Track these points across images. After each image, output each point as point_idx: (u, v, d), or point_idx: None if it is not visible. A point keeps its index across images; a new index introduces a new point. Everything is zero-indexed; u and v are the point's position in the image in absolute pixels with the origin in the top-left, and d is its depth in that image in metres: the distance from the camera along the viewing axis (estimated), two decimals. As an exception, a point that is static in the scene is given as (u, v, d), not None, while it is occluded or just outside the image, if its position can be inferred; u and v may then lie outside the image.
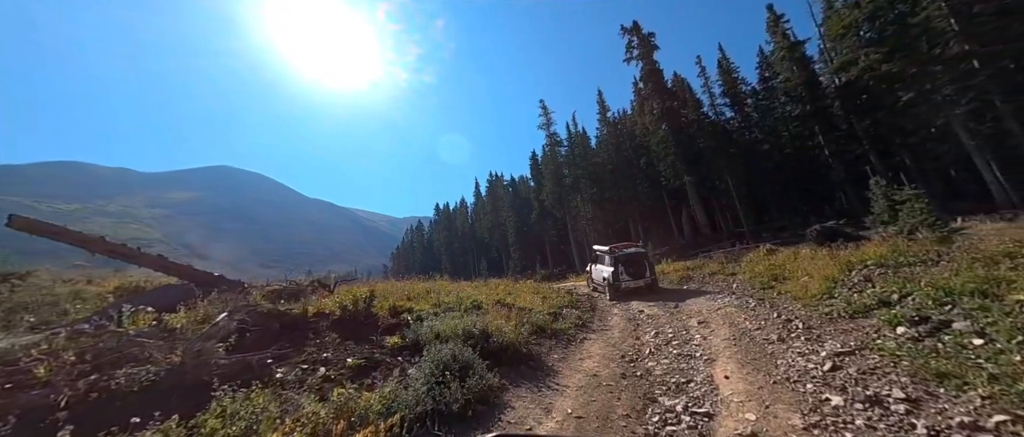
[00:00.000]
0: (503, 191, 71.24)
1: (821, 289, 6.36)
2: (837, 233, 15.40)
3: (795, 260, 11.17)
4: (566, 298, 11.94)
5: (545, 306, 9.68)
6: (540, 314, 8.42)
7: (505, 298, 9.65)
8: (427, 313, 7.30)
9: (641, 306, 10.82)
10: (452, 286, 15.49)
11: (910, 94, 20.71)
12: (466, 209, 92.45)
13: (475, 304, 8.68)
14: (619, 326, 8.31)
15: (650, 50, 37.43)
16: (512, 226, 60.59)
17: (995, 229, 8.00)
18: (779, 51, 36.13)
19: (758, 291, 8.95)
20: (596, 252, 15.02)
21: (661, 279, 15.73)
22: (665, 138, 35.80)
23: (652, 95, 36.83)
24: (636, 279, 12.49)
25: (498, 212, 70.18)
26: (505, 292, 12.84)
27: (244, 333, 4.37)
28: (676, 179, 37.22)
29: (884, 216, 8.42)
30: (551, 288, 15.14)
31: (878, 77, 23.17)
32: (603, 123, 48.85)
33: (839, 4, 29.25)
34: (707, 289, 11.78)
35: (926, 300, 4.18)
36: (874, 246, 7.72)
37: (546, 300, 10.87)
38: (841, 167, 32.13)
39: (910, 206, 7.39)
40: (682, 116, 37.20)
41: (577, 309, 10.26)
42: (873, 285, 5.52)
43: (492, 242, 71.27)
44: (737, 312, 7.21)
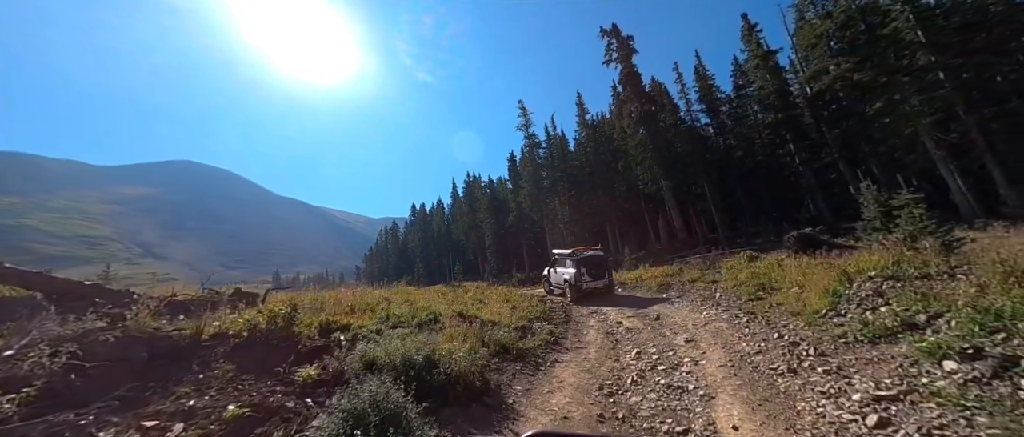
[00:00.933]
0: (480, 192, 69.95)
1: (823, 304, 5.56)
2: (816, 240, 15.05)
3: (780, 268, 10.56)
4: (539, 307, 10.89)
5: (514, 318, 8.58)
6: (506, 329, 7.31)
7: (469, 309, 8.48)
8: (368, 331, 6.04)
9: (619, 317, 9.92)
10: (416, 293, 14.19)
11: (879, 104, 21.03)
12: (442, 210, 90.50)
13: (432, 317, 7.47)
14: (596, 343, 7.31)
15: (629, 53, 37.26)
16: (489, 228, 59.34)
17: (992, 239, 7.57)
18: (753, 60, 36.73)
19: (746, 303, 8.17)
20: (556, 255, 15.29)
21: (639, 286, 15.02)
22: (643, 142, 35.63)
23: (630, 98, 36.63)
24: (596, 280, 13.17)
25: (475, 214, 68.80)
26: (473, 300, 11.69)
27: (72, 373, 3.04)
28: (653, 183, 37.13)
29: (876, 222, 7.85)
30: (524, 295, 14.07)
31: (848, 86, 23.55)
32: (582, 125, 48.54)
33: (810, 14, 29.86)
34: (688, 298, 11.02)
35: (970, 325, 3.38)
36: (870, 255, 7.07)
37: (516, 310, 9.78)
38: (811, 175, 32.83)
39: (909, 212, 6.79)
40: (660, 120, 37.20)
41: (550, 322, 9.20)
42: (887, 301, 4.76)
43: (468, 244, 69.73)
44: (728, 329, 6.34)
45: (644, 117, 35.37)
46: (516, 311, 9.69)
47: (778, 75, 34.83)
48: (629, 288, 15.37)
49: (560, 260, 14.55)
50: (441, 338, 5.92)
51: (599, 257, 13.94)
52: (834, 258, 10.77)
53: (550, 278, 15.12)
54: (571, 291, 12.93)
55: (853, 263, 7.02)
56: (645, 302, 11.68)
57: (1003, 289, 3.78)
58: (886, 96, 20.83)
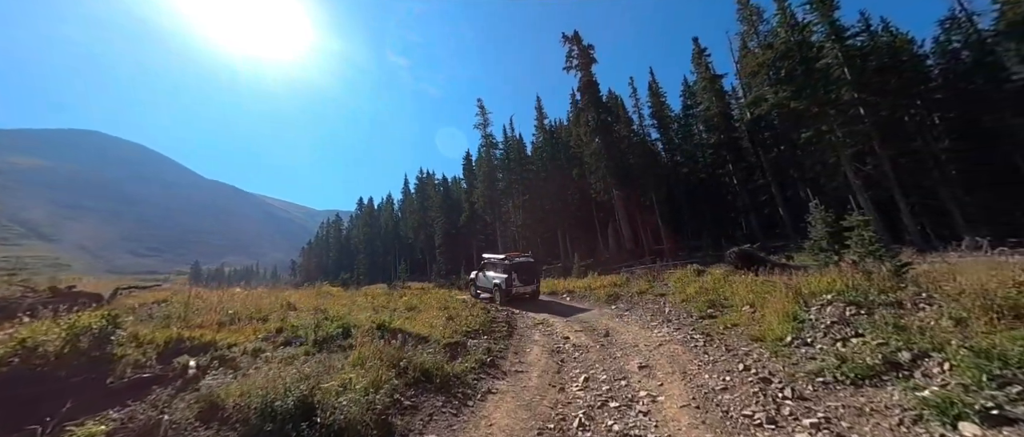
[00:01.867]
0: (434, 190, 67.43)
1: (785, 329, 5.04)
2: (756, 258, 15.39)
3: (727, 285, 10.37)
4: (480, 318, 9.76)
5: (448, 331, 7.36)
6: (435, 347, 6.08)
7: (393, 320, 7.11)
8: (241, 352, 4.51)
9: (567, 331, 9.10)
10: (342, 296, 12.43)
11: (809, 132, 22.66)
12: (392, 206, 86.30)
13: (342, 330, 6.03)
14: (539, 364, 6.33)
15: (589, 62, 37.67)
16: (440, 227, 57.23)
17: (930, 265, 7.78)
18: (701, 82, 38.81)
19: (698, 321, 7.67)
20: (486, 260, 15.50)
21: (588, 296, 14.47)
22: (598, 151, 36.03)
23: (588, 107, 36.97)
24: (526, 285, 13.77)
25: (426, 212, 66.20)
26: (406, 306, 10.29)
27: None
28: (606, 193, 37.72)
29: (823, 243, 7.76)
30: (467, 301, 12.87)
31: (784, 114, 25.27)
32: (540, 130, 48.42)
33: (753, 44, 31.99)
34: (638, 311, 10.51)
35: (973, 372, 2.85)
36: (820, 276, 6.85)
37: (454, 320, 8.56)
38: (746, 195, 35.20)
39: (859, 234, 6.67)
40: (615, 131, 37.96)
41: (490, 335, 8.11)
42: (857, 331, 4.29)
43: (417, 243, 66.86)
44: (685, 353, 5.65)
45: (600, 127, 35.83)
46: (454, 322, 8.47)
47: (722, 98, 37.08)
48: (578, 297, 14.78)
49: (490, 265, 14.86)
50: (344, 362, 4.58)
51: (530, 264, 14.58)
52: (777, 276, 10.87)
53: (477, 282, 15.30)
54: (501, 295, 13.40)
55: (805, 284, 6.72)
56: (595, 314, 11.04)
57: (989, 326, 3.39)
58: (816, 126, 22.52)
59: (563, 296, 15.53)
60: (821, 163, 23.03)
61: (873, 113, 20.95)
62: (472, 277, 16.06)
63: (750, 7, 29.84)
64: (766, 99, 28.20)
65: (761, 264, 14.43)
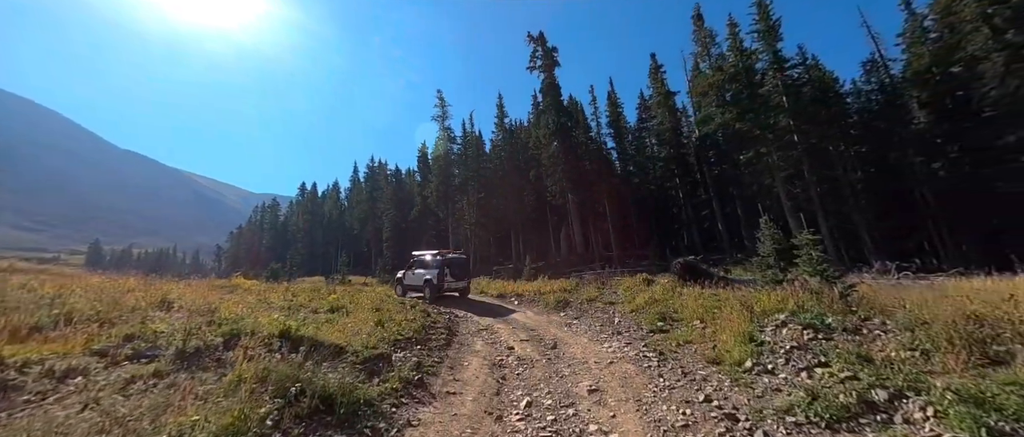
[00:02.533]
0: (385, 181, 64.09)
1: (743, 353, 4.66)
2: (699, 270, 15.76)
3: (675, 296, 10.26)
4: (417, 322, 8.70)
5: (373, 340, 6.25)
6: (352, 360, 4.99)
7: (301, 326, 5.86)
8: (42, 371, 3.16)
9: (512, 340, 8.35)
10: (258, 289, 10.65)
11: (750, 153, 24.13)
12: (338, 194, 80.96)
13: (230, 337, 4.73)
14: (476, 383, 5.48)
15: (552, 64, 37.60)
16: (389, 220, 54.34)
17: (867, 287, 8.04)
18: (656, 96, 40.41)
19: (648, 335, 7.27)
20: (416, 257, 15.43)
21: (537, 300, 13.91)
22: (556, 154, 36.03)
23: (549, 109, 36.88)
24: (459, 280, 14.23)
25: (376, 203, 62.73)
26: (331, 306, 8.93)
27: None
28: (561, 196, 37.86)
29: (770, 259, 7.75)
30: (405, 302, 11.68)
31: (729, 134, 26.78)
32: (500, 129, 47.63)
33: (705, 66, 33.75)
34: (587, 320, 10.05)
35: (971, 425, 2.48)
36: (769, 294, 6.73)
37: (384, 326, 7.43)
38: (690, 208, 37.15)
39: (808, 253, 6.64)
40: (573, 136, 38.23)
41: (425, 345, 7.11)
42: (819, 360, 3.98)
43: (363, 235, 63.04)
44: (638, 375, 5.09)
45: (559, 130, 35.86)
46: (383, 328, 7.34)
47: (674, 115, 38.87)
48: (527, 301, 14.16)
49: (421, 262, 14.86)
50: (213, 386, 3.38)
51: (462, 260, 15.21)
52: (722, 290, 10.99)
53: (404, 280, 15.13)
54: (431, 291, 13.56)
55: (757, 301, 6.51)
56: (543, 321, 10.41)
57: (959, 363, 3.14)
58: (756, 148, 24.04)
59: (512, 299, 14.85)
60: (758, 183, 24.63)
61: (805, 140, 22.74)
62: (400, 276, 15.74)
63: (704, 30, 31.37)
64: (713, 118, 29.75)
65: (704, 276, 14.76)
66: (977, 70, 18.78)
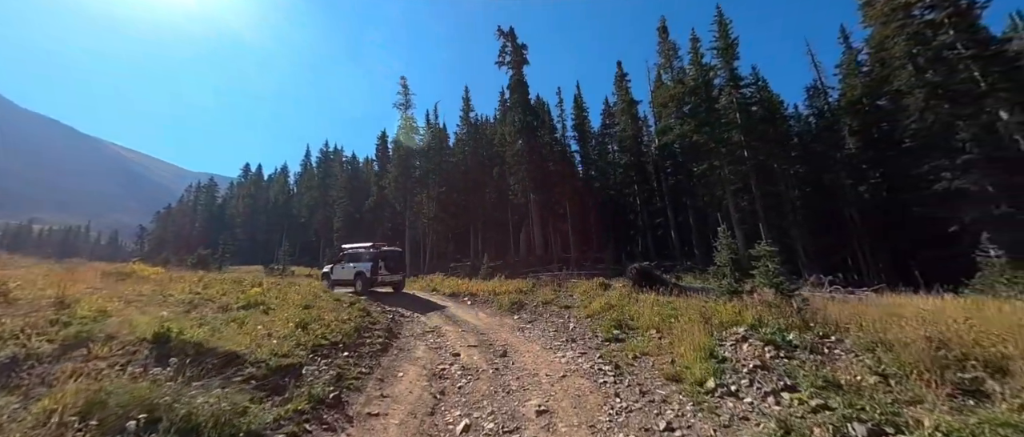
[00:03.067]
0: (340, 168, 60.47)
1: (705, 371, 4.31)
2: (654, 277, 15.88)
3: (631, 303, 10.06)
4: (354, 323, 7.72)
5: (287, 345, 5.25)
6: (248, 374, 4.02)
7: (188, 329, 4.74)
8: None
9: (459, 344, 7.64)
10: (158, 280, 9.00)
11: (704, 165, 25.10)
12: (287, 178, 75.42)
13: (72, 342, 3.58)
14: (408, 400, 4.70)
15: (521, 61, 37.16)
16: (342, 210, 51.18)
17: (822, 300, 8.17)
18: (620, 104, 41.34)
19: (604, 344, 6.87)
20: (349, 250, 15.19)
21: (491, 301, 13.26)
22: (520, 153, 35.60)
23: (516, 106, 36.41)
24: (393, 274, 13.99)
25: (328, 191, 58.98)
26: (247, 301, 7.67)
27: None
28: (523, 195, 37.56)
29: (726, 269, 7.68)
30: (343, 300, 10.53)
31: (686, 146, 27.74)
32: (465, 122, 46.52)
33: (666, 77, 34.90)
34: (541, 325, 9.55)
35: None
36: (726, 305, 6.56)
37: (306, 328, 6.37)
38: (646, 216, 38.36)
39: (765, 265, 6.56)
40: (539, 136, 38.06)
41: (355, 350, 6.18)
42: (785, 383, 3.67)
43: (312, 224, 58.99)
44: (593, 392, 4.59)
45: (525, 128, 35.48)
46: (308, 330, 6.30)
47: (636, 123, 39.95)
48: (481, 302, 13.45)
49: (354, 254, 14.56)
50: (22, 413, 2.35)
51: (398, 254, 15.04)
52: (676, 298, 10.96)
53: (332, 274, 14.76)
54: (363, 283, 13.32)
55: (713, 312, 6.28)
56: (495, 324, 9.77)
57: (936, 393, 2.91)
58: (709, 160, 25.06)
59: (465, 299, 14.09)
60: (710, 195, 25.71)
61: (754, 156, 24.01)
62: (327, 269, 15.32)
63: (668, 42, 32.34)
64: (673, 129, 30.74)
65: (658, 283, 14.86)
66: (901, 104, 20.70)
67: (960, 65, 18.79)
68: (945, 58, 19.36)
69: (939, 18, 19.40)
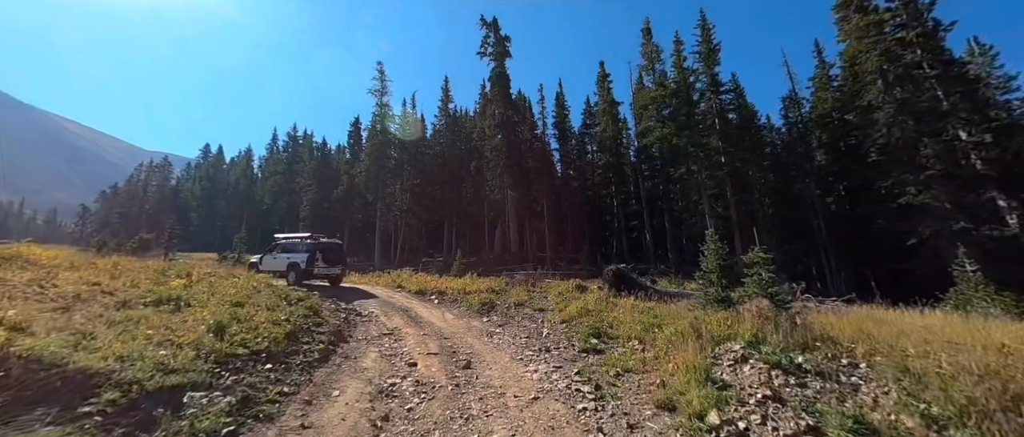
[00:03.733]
0: (310, 154, 57.32)
1: (704, 401, 3.59)
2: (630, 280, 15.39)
3: (609, 307, 9.42)
4: (294, 323, 6.60)
5: (179, 359, 4.14)
6: (99, 404, 2.93)
7: (41, 340, 3.57)
8: None
9: (417, 352, 6.71)
10: (43, 259, 7.44)
11: (682, 169, 25.07)
12: (251, 162, 71.13)
13: None
14: (337, 432, 3.72)
15: (503, 53, 36.16)
16: (310, 198, 48.36)
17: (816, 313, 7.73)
18: (602, 104, 41.10)
19: (581, 356, 6.13)
20: (283, 240, 14.71)
21: (461, 300, 12.32)
22: (499, 147, 34.65)
23: (496, 99, 35.40)
24: (332, 267, 13.69)
25: (295, 177, 55.88)
26: (160, 296, 6.38)
27: None
28: (500, 191, 36.66)
29: (713, 276, 7.11)
30: (288, 297, 9.29)
31: (665, 149, 27.67)
32: (444, 113, 44.94)
33: (648, 80, 34.88)
34: (512, 329, 8.73)
35: None
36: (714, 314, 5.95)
37: (222, 332, 5.22)
38: (622, 218, 38.37)
39: (758, 273, 6.00)
40: (519, 131, 37.25)
41: (280, 362, 5.11)
42: (808, 423, 3.00)
43: (276, 211, 55.73)
44: (570, 423, 3.81)
45: (505, 122, 34.56)
46: (226, 333, 5.16)
47: (617, 124, 39.84)
48: (448, 301, 12.49)
49: (288, 245, 14.06)
50: None
51: (337, 246, 14.73)
52: (655, 302, 10.41)
53: (261, 265, 14.09)
54: (297, 275, 12.96)
55: (709, 325, 5.64)
56: (462, 327, 8.87)
57: None
58: (687, 165, 25.04)
59: (432, 297, 13.07)
60: (687, 199, 25.72)
61: (730, 163, 24.16)
62: (255, 260, 14.73)
63: (652, 44, 32.25)
64: (653, 132, 30.67)
65: (635, 286, 14.35)
66: (870, 118, 21.24)
67: (926, 83, 19.47)
68: (913, 76, 20.02)
69: (909, 37, 20.02)
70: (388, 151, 42.72)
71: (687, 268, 26.39)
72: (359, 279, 17.84)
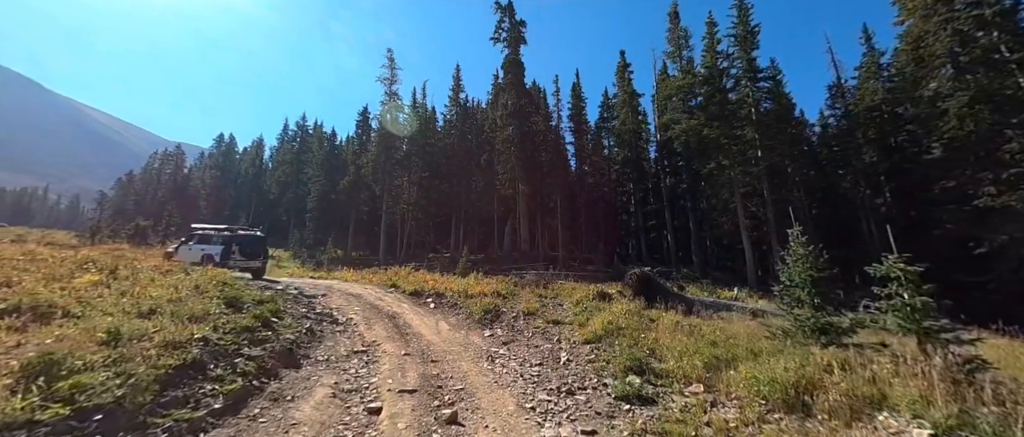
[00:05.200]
0: (319, 143, 56.10)
1: None
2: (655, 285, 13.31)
3: (644, 323, 7.41)
4: (218, 340, 4.82)
5: None
6: None
7: None
8: None
9: (386, 388, 4.86)
10: None
11: (712, 164, 22.66)
12: (261, 152, 70.69)
13: None
14: None
15: (518, 38, 34.03)
16: (317, 189, 47.03)
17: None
18: (621, 95, 38.67)
19: (618, 406, 4.16)
20: (199, 230, 14.35)
21: (461, 306, 10.47)
22: (511, 138, 32.61)
23: (509, 87, 33.33)
24: (250, 260, 13.26)
25: (303, 167, 54.90)
26: (47, 299, 4.66)
27: None
28: (511, 185, 34.69)
29: (802, 292, 5.06)
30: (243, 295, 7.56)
31: (692, 142, 25.15)
32: (454, 103, 43.09)
33: (674, 69, 32.37)
34: (520, 349, 6.84)
35: None
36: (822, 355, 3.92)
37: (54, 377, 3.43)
38: (640, 216, 36.01)
39: (901, 294, 3.92)
40: (532, 122, 35.16)
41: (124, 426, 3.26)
42: None
43: (282, 202, 54.80)
44: None
45: (518, 112, 32.49)
46: (75, 364, 3.38)
47: (637, 117, 37.37)
48: (447, 305, 10.64)
49: (204, 236, 13.69)
50: None
51: (257, 239, 14.44)
52: (702, 320, 8.36)
53: (176, 255, 13.22)
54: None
55: (800, 363, 3.60)
56: (457, 344, 7.00)
57: None
58: (718, 159, 22.60)
59: (427, 300, 11.23)
60: (717, 197, 23.34)
61: (767, 157, 21.66)
62: (171, 249, 14.16)
63: (679, 29, 29.78)
64: (679, 123, 28.26)
65: (662, 294, 12.30)
66: (934, 108, 18.56)
67: (1006, 68, 16.76)
68: (991, 61, 17.30)
69: (986, 15, 17.29)
70: (395, 142, 41.12)
71: (714, 273, 24.03)
72: (352, 275, 16.16)
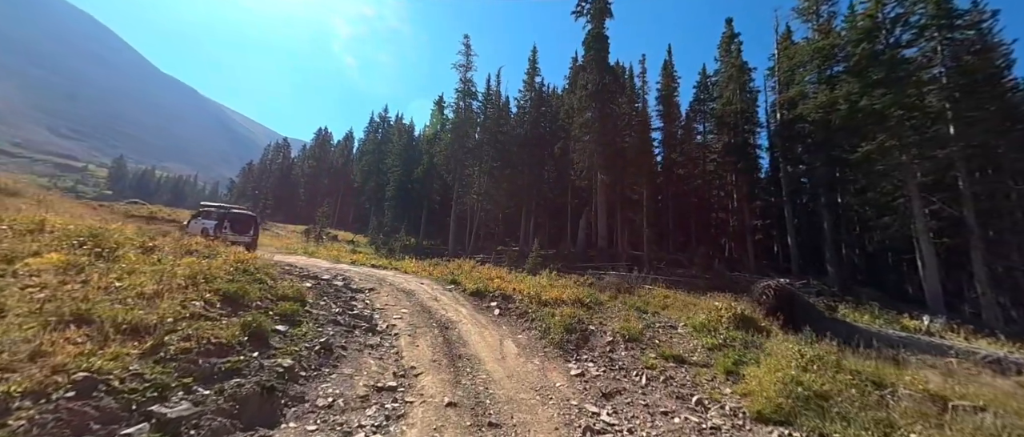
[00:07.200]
0: (399, 134, 58.16)
1: None
2: (803, 307, 9.54)
3: (854, 382, 3.99)
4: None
5: None
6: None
7: None
8: None
9: None
10: None
11: (870, 146, 16.81)
12: (351, 144, 76.34)
13: None
14: None
15: (603, 11, 30.22)
16: (395, 178, 48.49)
17: None
18: (727, 70, 32.55)
19: None
20: (203, 207, 16.05)
21: (531, 312, 8.02)
22: (590, 122, 29.15)
23: (591, 65, 29.78)
24: (240, 235, 14.19)
25: (383, 158, 57.32)
26: None
27: None
28: (588, 174, 31.26)
29: None
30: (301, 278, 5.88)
31: (837, 118, 19.23)
32: (529, 88, 40.57)
33: (802, 33, 25.86)
34: (635, 415, 4.03)
35: None
36: None
37: None
38: (747, 213, 29.95)
39: None
40: (615, 104, 31.19)
41: None
42: None
43: (365, 190, 58.03)
44: None
45: (600, 92, 28.85)
46: None
47: (746, 94, 31.08)
48: (516, 313, 8.19)
49: (205, 212, 15.33)
50: None
51: (248, 216, 15.68)
52: (945, 378, 4.65)
53: (189, 227, 14.99)
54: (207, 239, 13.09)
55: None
56: (526, 386, 4.45)
57: None
58: (881, 140, 16.65)
59: (491, 304, 8.88)
60: (875, 189, 17.43)
61: (964, 134, 15.30)
62: (185, 223, 16.07)
63: (819, -22, 23.36)
64: (808, 96, 22.29)
65: (813, 319, 8.54)
66: None
67: None
68: None
69: None
70: (468, 130, 40.14)
71: (860, 289, 18.16)
72: (413, 265, 14.62)
